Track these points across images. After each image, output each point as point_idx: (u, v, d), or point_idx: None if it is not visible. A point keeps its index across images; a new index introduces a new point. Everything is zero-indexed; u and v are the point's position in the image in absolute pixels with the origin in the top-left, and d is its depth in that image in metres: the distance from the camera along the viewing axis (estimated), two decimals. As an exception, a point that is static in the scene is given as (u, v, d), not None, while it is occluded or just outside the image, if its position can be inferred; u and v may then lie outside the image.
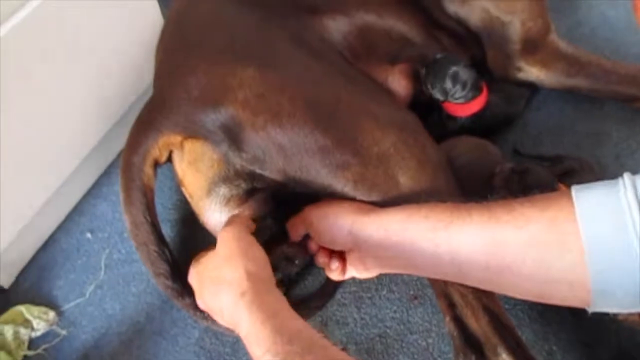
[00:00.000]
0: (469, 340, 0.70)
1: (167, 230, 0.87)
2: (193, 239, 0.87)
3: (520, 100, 0.90)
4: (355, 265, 0.70)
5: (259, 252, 0.64)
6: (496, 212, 0.55)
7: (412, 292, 0.83)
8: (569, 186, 0.78)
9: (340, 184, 0.68)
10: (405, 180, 0.68)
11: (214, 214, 0.75)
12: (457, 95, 0.82)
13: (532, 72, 0.89)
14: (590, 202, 0.51)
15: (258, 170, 0.70)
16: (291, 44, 0.75)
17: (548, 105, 0.95)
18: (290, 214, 0.75)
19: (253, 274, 0.59)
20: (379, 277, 0.83)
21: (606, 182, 0.52)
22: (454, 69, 0.81)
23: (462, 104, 0.83)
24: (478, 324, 0.69)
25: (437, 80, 0.82)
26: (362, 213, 0.65)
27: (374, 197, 0.68)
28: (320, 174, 0.68)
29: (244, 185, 0.73)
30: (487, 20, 0.88)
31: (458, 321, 0.71)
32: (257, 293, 0.57)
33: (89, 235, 0.88)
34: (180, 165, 0.74)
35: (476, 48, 0.89)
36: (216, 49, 0.74)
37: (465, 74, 0.82)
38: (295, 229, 0.73)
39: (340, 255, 0.72)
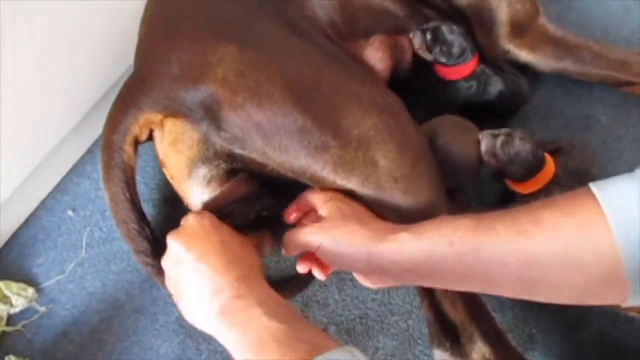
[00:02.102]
0: (444, 326, 0.69)
1: (150, 210, 0.86)
2: (175, 219, 0.85)
3: (522, 86, 0.89)
4: (373, 281, 0.66)
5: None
6: (523, 225, 0.53)
7: (394, 274, 0.82)
8: (555, 158, 0.78)
9: (319, 166, 0.66)
10: (385, 164, 0.67)
11: (197, 195, 0.74)
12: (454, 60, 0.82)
13: (520, 55, 0.88)
14: (616, 198, 0.50)
15: (238, 150, 0.69)
16: (274, 22, 0.73)
17: (537, 88, 0.94)
18: (278, 191, 0.74)
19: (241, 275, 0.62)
20: (361, 258, 0.84)
21: (624, 175, 0.51)
22: (451, 33, 0.82)
23: (454, 66, 0.83)
24: (455, 311, 0.69)
25: (440, 45, 0.81)
26: (378, 238, 0.61)
27: (353, 182, 0.67)
28: (299, 155, 0.66)
29: (223, 166, 0.71)
30: (475, 3, 0.87)
31: (435, 307, 0.70)
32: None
33: (70, 213, 0.87)
34: (161, 146, 0.73)
35: (464, 27, 0.88)
36: (198, 26, 0.72)
37: (461, 36, 0.83)
38: (294, 248, 0.68)
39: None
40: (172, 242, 0.66)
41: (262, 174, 0.71)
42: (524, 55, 0.88)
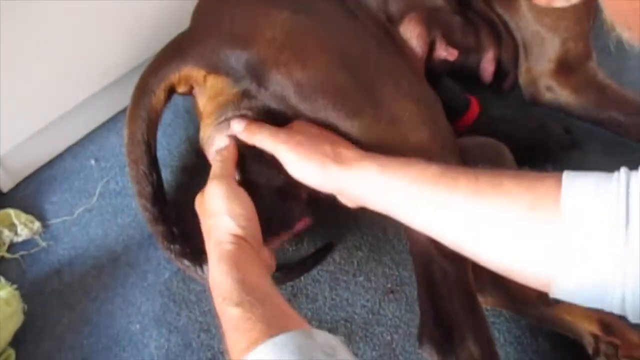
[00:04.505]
0: (438, 318, 0.66)
1: (167, 175, 0.87)
2: (188, 187, 0.87)
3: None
4: (341, 201, 0.67)
5: (249, 213, 0.64)
6: (482, 186, 0.54)
7: (389, 286, 0.80)
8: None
9: (347, 131, 0.67)
10: (416, 143, 0.67)
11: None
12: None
13: (561, 94, 0.86)
14: (578, 189, 0.48)
15: (273, 105, 0.70)
16: (331, 1, 0.75)
17: (576, 142, 0.91)
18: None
19: (234, 232, 0.62)
20: (359, 263, 0.82)
21: (601, 173, 0.49)
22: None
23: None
24: (451, 305, 0.66)
25: None
26: (338, 161, 0.62)
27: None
28: (329, 117, 0.67)
29: (250, 115, 0.71)
30: (528, 32, 0.86)
31: (432, 296, 0.67)
32: (231, 250, 0.60)
33: (93, 162, 0.90)
34: (202, 100, 0.75)
35: (507, 51, 0.87)
36: None
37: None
38: (255, 135, 0.67)
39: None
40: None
41: None
42: (565, 95, 0.86)
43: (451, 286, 0.65)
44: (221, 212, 0.63)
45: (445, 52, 0.81)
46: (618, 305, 0.46)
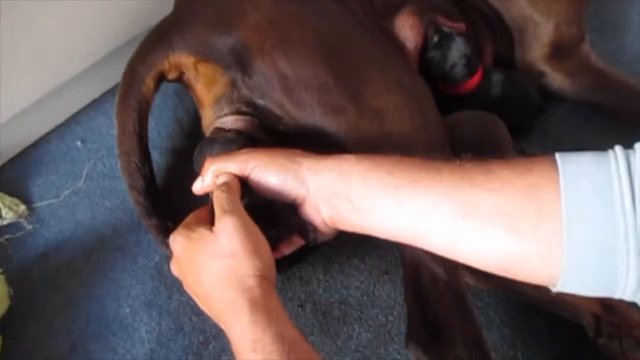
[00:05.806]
0: (426, 320, 0.65)
1: (157, 157, 0.86)
2: (179, 170, 0.86)
3: (530, 90, 0.86)
4: (312, 216, 0.59)
5: (266, 248, 0.56)
6: (470, 172, 0.49)
7: (384, 267, 0.79)
8: None
9: (332, 128, 0.65)
10: (398, 140, 0.65)
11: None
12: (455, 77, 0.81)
13: (555, 79, 0.86)
14: (576, 171, 0.45)
15: (259, 100, 0.68)
16: None
17: (572, 122, 0.90)
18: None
19: (260, 273, 0.54)
20: (354, 246, 0.81)
21: (595, 152, 0.46)
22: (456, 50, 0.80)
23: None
24: (440, 308, 0.65)
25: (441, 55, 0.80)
26: (316, 157, 0.57)
27: (362, 151, 0.63)
28: (315, 113, 0.66)
29: (244, 109, 0.70)
30: (521, 17, 0.85)
31: (420, 297, 0.66)
32: (261, 295, 0.53)
33: (79, 143, 0.88)
34: (197, 87, 0.74)
35: (503, 42, 0.86)
36: None
37: (461, 53, 0.80)
38: (216, 173, 0.60)
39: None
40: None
41: (277, 127, 0.70)
42: (559, 79, 0.86)
43: (440, 289, 0.62)
44: (243, 251, 0.54)
45: (452, 25, 0.79)
46: (631, 292, 0.43)
